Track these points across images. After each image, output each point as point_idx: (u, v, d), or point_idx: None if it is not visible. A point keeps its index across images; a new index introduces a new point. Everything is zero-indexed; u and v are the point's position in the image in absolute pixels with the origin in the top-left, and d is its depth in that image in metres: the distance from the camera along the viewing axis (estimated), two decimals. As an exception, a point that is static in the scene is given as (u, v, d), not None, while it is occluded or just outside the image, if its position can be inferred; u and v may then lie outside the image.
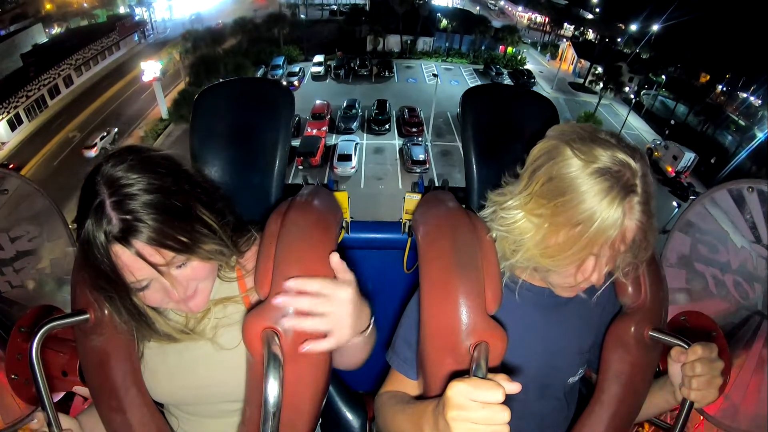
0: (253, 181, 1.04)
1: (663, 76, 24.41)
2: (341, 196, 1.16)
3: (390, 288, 1.28)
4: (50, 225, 1.05)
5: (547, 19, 34.21)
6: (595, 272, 0.72)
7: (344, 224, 1.22)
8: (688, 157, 19.04)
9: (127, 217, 0.63)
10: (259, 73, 25.20)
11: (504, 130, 1.11)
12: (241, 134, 1.06)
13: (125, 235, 0.64)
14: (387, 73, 26.85)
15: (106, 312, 0.76)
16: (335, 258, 0.70)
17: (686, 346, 0.79)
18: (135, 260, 0.66)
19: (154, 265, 0.67)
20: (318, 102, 21.86)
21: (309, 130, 19.75)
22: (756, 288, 0.96)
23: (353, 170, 18.09)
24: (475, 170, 1.09)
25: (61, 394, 0.96)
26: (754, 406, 0.92)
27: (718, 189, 1.01)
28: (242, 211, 0.86)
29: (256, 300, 0.73)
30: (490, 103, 1.16)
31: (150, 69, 20.50)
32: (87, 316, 0.77)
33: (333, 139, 19.70)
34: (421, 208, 0.91)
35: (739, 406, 0.93)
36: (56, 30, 28.52)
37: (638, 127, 23.77)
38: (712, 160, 20.25)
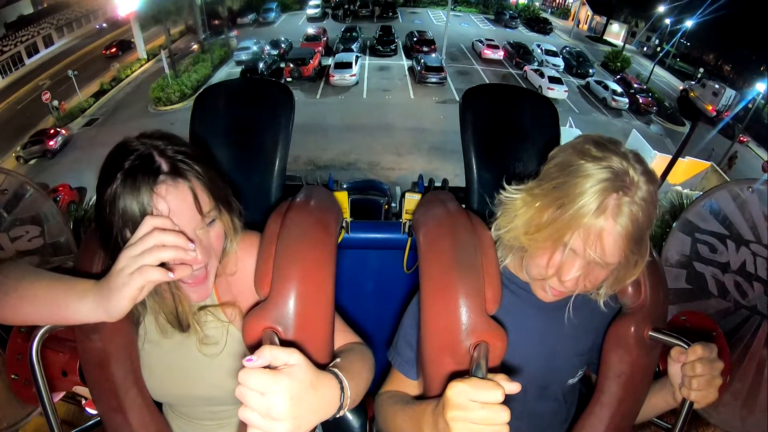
0: (253, 181, 1.04)
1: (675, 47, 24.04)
2: (341, 196, 1.16)
3: (390, 288, 1.28)
4: (50, 225, 1.05)
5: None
6: (564, 268, 0.71)
7: (344, 224, 1.22)
8: (730, 93, 17.92)
9: (177, 157, 0.67)
10: (250, 18, 24.99)
11: (504, 130, 1.11)
12: (241, 134, 1.06)
13: (177, 171, 0.66)
14: (390, 14, 26.15)
15: None
16: (266, 349, 0.56)
17: (686, 346, 0.79)
18: (181, 201, 0.67)
19: (199, 206, 0.68)
20: (311, 29, 20.77)
21: (302, 52, 18.71)
22: (756, 288, 0.96)
23: (353, 78, 16.69)
24: (475, 170, 1.09)
25: (61, 394, 0.96)
26: (754, 406, 0.92)
27: (718, 189, 1.01)
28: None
29: (253, 302, 0.73)
30: (490, 103, 1.16)
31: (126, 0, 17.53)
32: None
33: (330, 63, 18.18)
34: (421, 209, 0.91)
35: (739, 406, 0.93)
36: (45, 6, 27.89)
37: (664, 77, 23.21)
38: (750, 106, 18.41)
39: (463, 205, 0.89)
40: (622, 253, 0.68)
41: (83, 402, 1.04)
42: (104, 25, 23.54)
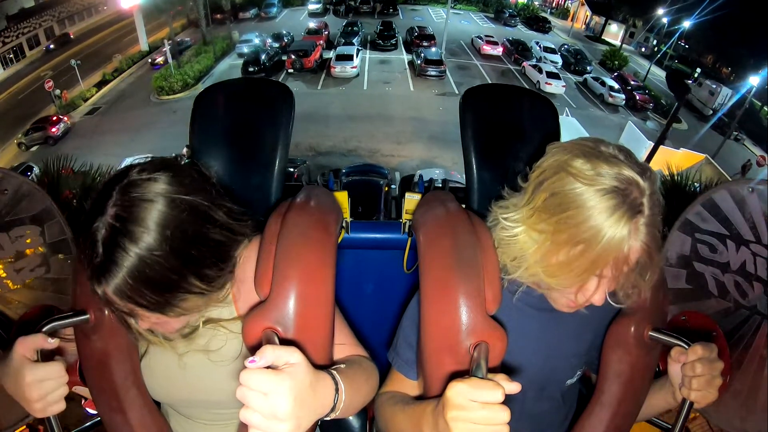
0: (253, 181, 1.04)
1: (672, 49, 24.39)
2: (341, 196, 1.17)
3: (390, 288, 1.28)
4: (50, 225, 1.04)
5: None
6: (596, 293, 0.71)
7: (344, 224, 1.22)
8: (726, 92, 18.38)
9: (109, 263, 0.59)
10: (252, 13, 25.58)
11: (504, 130, 1.11)
12: (241, 134, 1.06)
13: (98, 275, 0.61)
14: (391, 10, 26.86)
15: (106, 312, 0.76)
16: (268, 349, 0.56)
17: (686, 346, 0.79)
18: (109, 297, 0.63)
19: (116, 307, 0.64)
20: (313, 23, 21.40)
21: (304, 45, 19.14)
22: (756, 288, 0.96)
23: (354, 70, 17.07)
24: (475, 170, 1.09)
25: None
26: (754, 406, 0.92)
27: (718, 189, 1.01)
28: None
29: (256, 302, 0.73)
30: (490, 103, 1.16)
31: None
32: (87, 316, 0.77)
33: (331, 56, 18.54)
34: (422, 209, 0.91)
35: (738, 406, 0.93)
36: (46, -1, 27.71)
37: (662, 76, 22.95)
38: (746, 105, 18.69)
39: (463, 205, 0.89)
40: (647, 256, 0.67)
41: (83, 402, 1.04)
42: (51, 46, 23.46)
